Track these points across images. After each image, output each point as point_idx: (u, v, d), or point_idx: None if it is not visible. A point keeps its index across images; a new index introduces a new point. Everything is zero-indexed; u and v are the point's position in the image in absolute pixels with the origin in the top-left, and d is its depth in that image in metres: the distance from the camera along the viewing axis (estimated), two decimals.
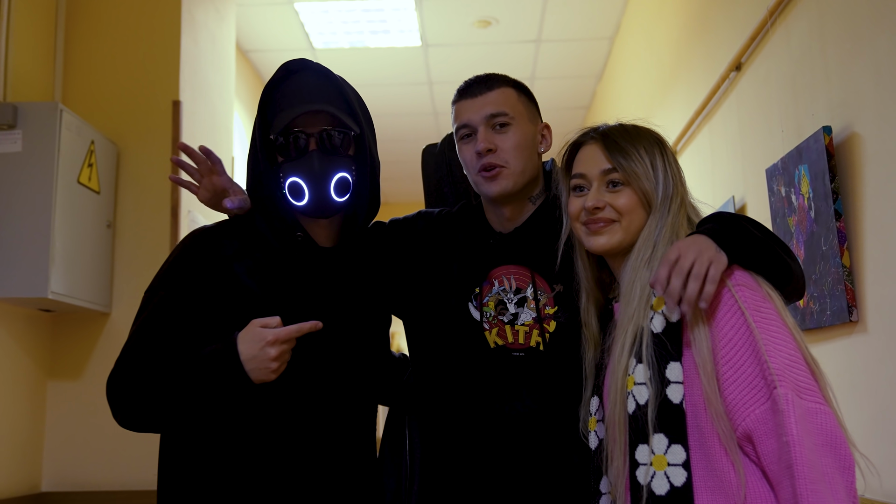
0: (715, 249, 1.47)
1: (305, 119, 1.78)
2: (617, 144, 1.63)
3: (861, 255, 2.29)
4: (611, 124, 1.69)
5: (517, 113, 1.88)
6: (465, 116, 1.89)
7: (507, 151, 1.85)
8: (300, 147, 1.77)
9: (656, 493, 1.44)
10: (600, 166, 1.64)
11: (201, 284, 1.76)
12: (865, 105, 2.26)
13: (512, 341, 1.86)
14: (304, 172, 1.77)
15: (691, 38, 3.99)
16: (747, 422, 1.41)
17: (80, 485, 3.32)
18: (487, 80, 1.91)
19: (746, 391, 1.42)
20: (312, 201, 1.78)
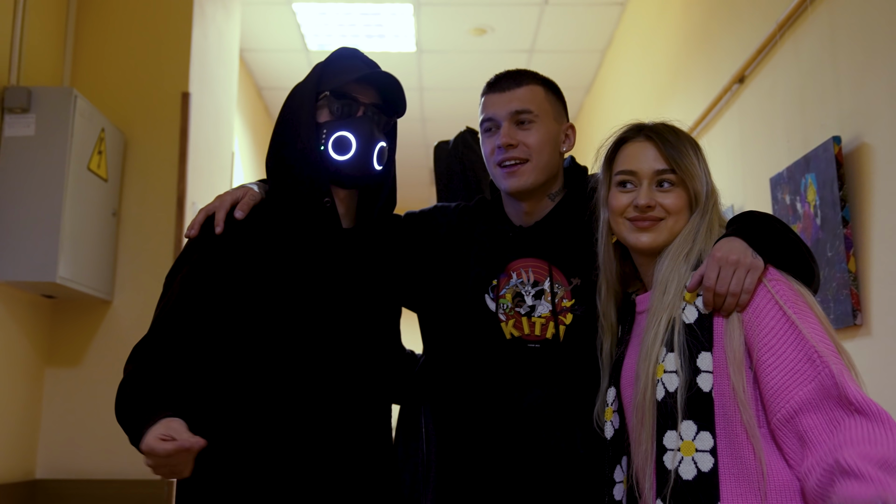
0: (752, 255, 1.53)
1: (359, 89, 1.87)
2: (671, 143, 1.67)
3: (867, 261, 2.37)
4: (654, 122, 1.72)
5: (542, 111, 1.92)
6: (491, 110, 1.93)
7: (530, 146, 1.89)
8: (350, 111, 1.85)
9: (683, 478, 1.49)
10: (654, 166, 1.67)
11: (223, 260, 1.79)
12: (877, 116, 2.34)
13: (528, 333, 1.89)
14: (356, 130, 1.84)
15: (691, 52, 4.08)
16: (793, 402, 1.45)
17: (75, 472, 3.31)
18: (517, 75, 1.95)
19: (790, 375, 1.46)
20: (356, 157, 1.84)
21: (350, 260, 1.89)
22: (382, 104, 1.91)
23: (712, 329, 1.54)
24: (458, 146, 2.33)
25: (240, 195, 1.88)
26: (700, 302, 1.56)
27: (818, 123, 2.67)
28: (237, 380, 1.77)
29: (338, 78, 1.86)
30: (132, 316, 3.42)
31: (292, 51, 6.02)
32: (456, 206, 2.12)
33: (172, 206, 3.46)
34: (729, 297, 1.52)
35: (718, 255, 1.54)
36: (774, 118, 3.03)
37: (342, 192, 1.90)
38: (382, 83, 1.89)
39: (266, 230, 1.83)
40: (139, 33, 3.61)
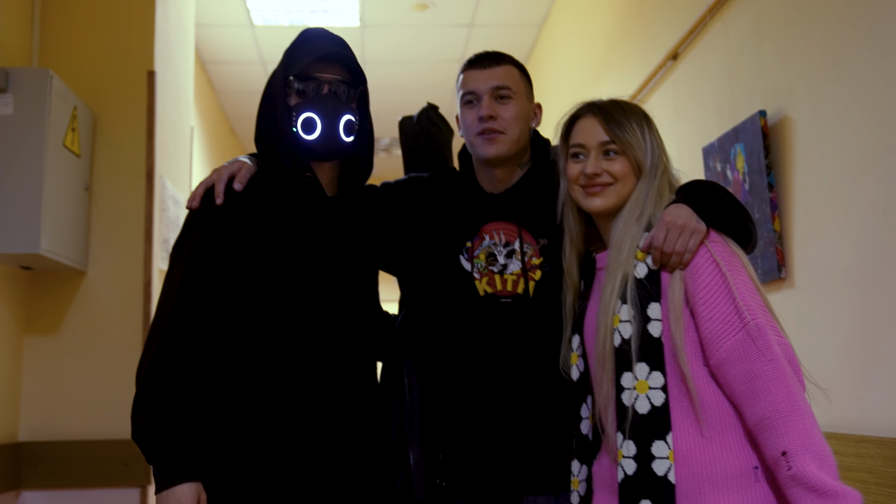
0: (696, 220, 1.76)
1: (321, 68, 2.03)
2: (613, 118, 1.89)
3: (790, 222, 2.67)
4: (605, 100, 1.95)
5: (518, 90, 2.13)
6: (473, 85, 2.13)
7: (507, 120, 2.10)
8: (315, 90, 2.03)
9: (639, 412, 1.72)
10: (598, 138, 1.89)
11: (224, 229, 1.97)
12: (798, 93, 2.63)
13: (501, 289, 2.10)
14: (319, 109, 2.02)
15: (627, 29, 4.34)
16: (721, 351, 1.70)
17: (57, 434, 3.46)
18: (497, 56, 2.17)
19: (720, 326, 1.71)
20: (323, 135, 2.02)
21: (335, 226, 2.08)
22: (350, 77, 2.08)
23: (660, 283, 1.78)
24: (422, 121, 2.50)
25: (236, 168, 2.05)
26: (650, 259, 1.79)
27: (746, 98, 2.96)
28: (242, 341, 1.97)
29: (301, 61, 2.03)
30: (106, 285, 3.57)
31: (238, 26, 6.10)
32: (428, 175, 2.32)
33: (142, 180, 3.61)
34: (674, 256, 1.75)
35: (667, 219, 1.77)
36: (706, 93, 3.32)
37: (323, 165, 2.10)
38: (339, 58, 2.07)
39: (260, 201, 2.01)
40: (105, 13, 3.72)
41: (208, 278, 1.96)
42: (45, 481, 3.42)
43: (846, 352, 2.39)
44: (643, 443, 1.70)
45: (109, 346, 3.50)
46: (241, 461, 1.93)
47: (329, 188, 2.11)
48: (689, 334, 1.75)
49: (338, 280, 2.06)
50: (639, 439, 1.71)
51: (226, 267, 1.97)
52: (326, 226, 2.07)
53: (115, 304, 3.54)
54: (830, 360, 2.46)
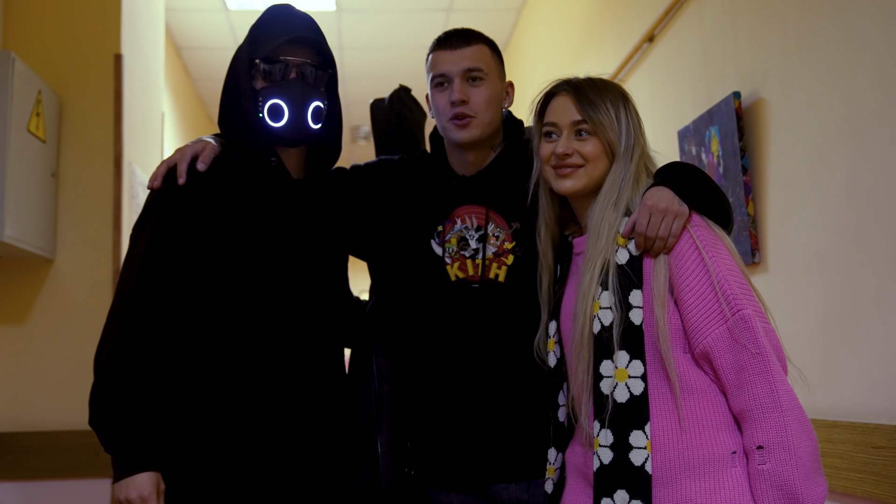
0: (678, 203, 1.72)
1: (289, 50, 1.96)
2: (587, 97, 1.83)
3: (764, 205, 2.64)
4: (581, 77, 1.90)
5: (490, 70, 2.07)
6: (443, 67, 2.06)
7: (479, 104, 2.04)
8: (283, 74, 1.96)
9: (618, 401, 1.68)
10: (571, 117, 1.83)
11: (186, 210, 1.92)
12: (772, 74, 2.60)
13: (472, 274, 2.05)
14: (286, 95, 1.95)
15: (604, 12, 4.30)
16: (707, 340, 1.66)
17: (27, 425, 3.41)
18: (467, 35, 2.09)
19: (706, 314, 1.67)
20: (290, 122, 1.95)
21: (302, 209, 2.03)
22: (319, 60, 2.01)
23: (642, 269, 1.73)
24: (394, 103, 2.46)
25: (199, 148, 1.99)
26: (632, 245, 1.74)
27: (720, 80, 2.92)
28: (204, 324, 1.92)
29: (268, 42, 1.95)
30: (74, 273, 3.51)
31: (212, 10, 6.02)
32: (399, 158, 2.27)
33: (110, 166, 3.55)
34: (658, 241, 1.71)
35: (649, 203, 1.72)
36: (681, 75, 3.28)
37: (289, 150, 2.04)
38: (308, 41, 1.99)
39: (224, 182, 1.96)
40: None
41: (169, 261, 1.91)
42: (16, 472, 3.38)
43: (818, 336, 2.37)
44: (621, 432, 1.67)
45: (79, 335, 3.44)
46: (203, 450, 1.89)
47: (295, 171, 2.06)
48: (672, 321, 1.71)
49: (303, 264, 2.02)
50: (616, 429, 1.68)
51: (187, 249, 1.92)
52: (292, 209, 2.02)
53: (84, 292, 3.48)
54: (803, 344, 2.43)
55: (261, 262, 1.96)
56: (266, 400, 1.92)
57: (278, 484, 1.90)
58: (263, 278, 1.96)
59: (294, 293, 1.99)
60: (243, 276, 1.94)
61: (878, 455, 2.06)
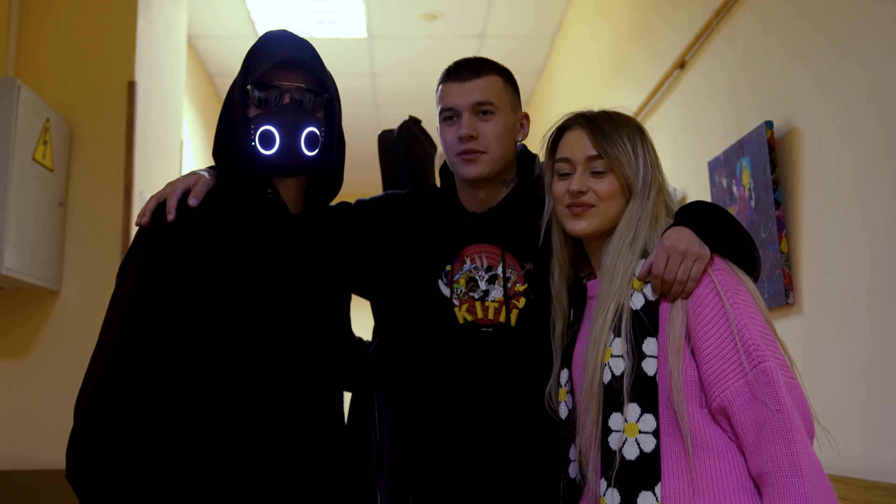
0: (699, 245, 1.59)
1: (282, 75, 1.84)
2: (602, 131, 1.70)
3: (798, 242, 2.45)
4: (595, 111, 1.76)
5: (502, 102, 1.94)
6: (452, 100, 1.94)
7: (489, 139, 1.91)
8: (275, 100, 1.84)
9: (627, 458, 1.55)
10: (585, 152, 1.71)
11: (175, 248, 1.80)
12: (805, 102, 2.41)
13: (481, 317, 1.92)
14: (278, 122, 1.83)
15: (635, 38, 4.15)
16: (726, 394, 1.52)
17: (26, 462, 3.32)
18: (477, 65, 1.97)
19: (725, 366, 1.53)
20: (282, 150, 1.83)
21: (299, 246, 1.91)
22: (315, 84, 1.89)
23: (658, 315, 1.60)
24: (402, 135, 2.35)
25: (191, 182, 1.88)
26: (648, 289, 1.61)
27: (752, 108, 2.75)
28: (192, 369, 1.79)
29: (259, 67, 1.84)
30: (80, 306, 3.42)
31: (243, 37, 5.99)
32: (406, 193, 2.15)
33: (120, 195, 3.46)
34: (676, 285, 1.58)
35: (668, 244, 1.60)
36: (712, 103, 3.11)
37: (286, 181, 1.92)
38: (301, 63, 1.87)
39: (217, 217, 1.84)
40: (84, 22, 3.59)
41: (156, 302, 1.78)
42: None
43: (856, 387, 2.17)
44: (629, 492, 1.54)
45: (83, 370, 3.28)
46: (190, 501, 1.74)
47: (293, 205, 1.93)
48: (688, 372, 1.57)
49: (300, 304, 1.88)
50: (624, 488, 1.55)
51: (176, 289, 1.79)
52: (289, 245, 1.89)
53: (91, 325, 3.32)
54: (839, 395, 2.23)
55: (254, 303, 1.83)
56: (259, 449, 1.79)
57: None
58: (257, 320, 1.83)
59: (290, 335, 1.86)
60: (235, 318, 1.81)
61: None
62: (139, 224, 1.86)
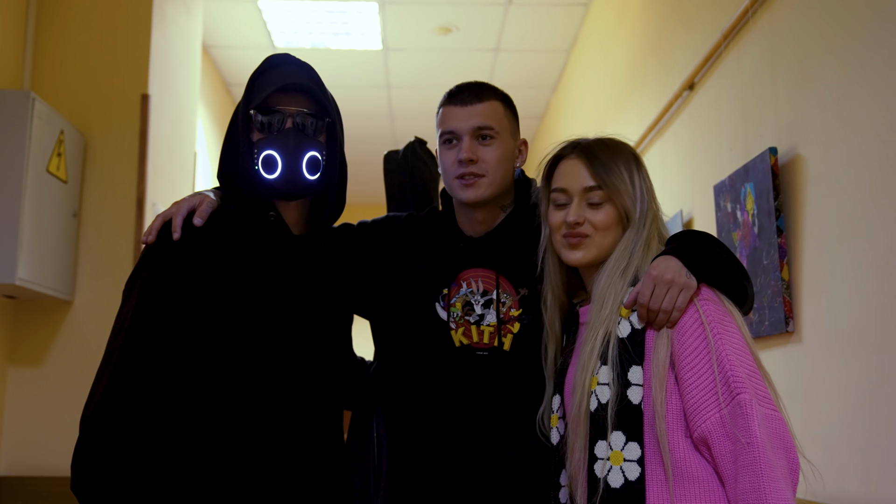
0: (686, 275, 1.60)
1: (284, 99, 1.87)
2: (600, 160, 1.72)
3: (799, 270, 2.46)
4: (590, 138, 1.78)
5: (502, 128, 1.97)
6: (452, 124, 1.96)
7: (488, 163, 1.94)
8: (277, 125, 1.87)
9: (612, 486, 1.56)
10: (582, 183, 1.72)
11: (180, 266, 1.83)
12: (810, 129, 2.43)
13: (477, 341, 1.95)
14: (280, 146, 1.86)
15: (647, 57, 4.16)
16: (706, 425, 1.53)
17: (38, 470, 3.37)
18: (479, 90, 1.99)
19: (706, 396, 1.54)
20: (284, 174, 1.86)
21: (301, 266, 1.94)
22: (316, 108, 1.91)
23: (644, 344, 1.62)
24: (407, 157, 2.37)
25: (197, 202, 1.91)
26: (635, 317, 1.63)
27: (758, 134, 2.76)
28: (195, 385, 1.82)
29: (262, 92, 1.87)
30: (93, 316, 3.48)
31: (259, 48, 6.05)
32: (407, 216, 2.17)
33: (132, 207, 3.52)
34: (661, 314, 1.59)
35: (654, 273, 1.61)
36: (720, 126, 3.12)
37: (289, 203, 1.95)
38: (303, 88, 1.90)
39: (222, 237, 1.87)
40: (98, 36, 3.65)
41: (160, 319, 1.81)
42: None
43: (854, 418, 2.18)
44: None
45: None
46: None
47: (296, 227, 1.96)
48: (672, 401, 1.59)
49: (301, 323, 1.91)
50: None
51: (179, 307, 1.82)
52: (291, 266, 1.92)
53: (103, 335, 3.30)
54: (837, 425, 2.24)
55: (256, 322, 1.86)
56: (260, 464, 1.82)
57: None
58: (259, 338, 1.86)
59: (291, 354, 1.89)
60: (237, 336, 1.84)
61: None
62: (145, 242, 1.90)
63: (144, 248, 1.89)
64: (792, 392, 2.48)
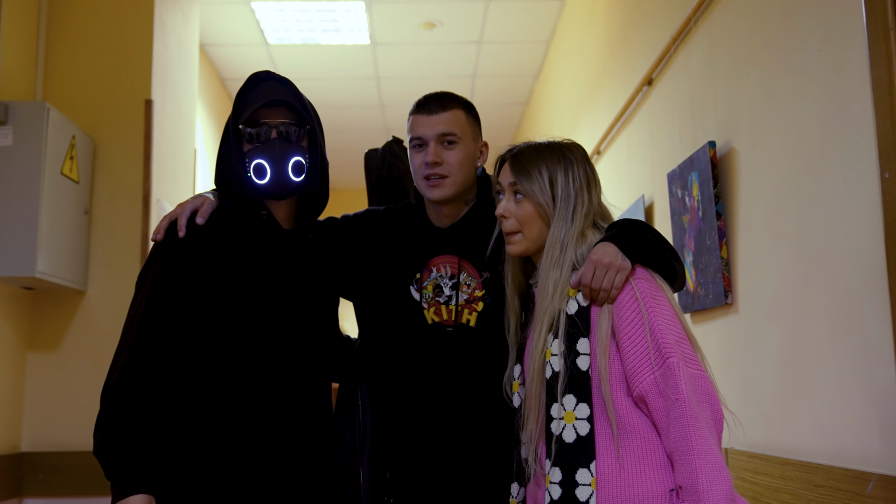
0: (621, 258, 1.87)
1: (268, 113, 2.15)
2: (521, 164, 1.99)
3: (735, 250, 2.77)
4: (530, 142, 2.05)
5: (464, 133, 2.24)
6: (420, 130, 2.24)
7: (451, 165, 2.21)
8: (264, 136, 2.15)
9: (566, 441, 1.82)
10: (508, 179, 2.01)
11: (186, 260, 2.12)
12: (742, 126, 2.73)
13: (446, 318, 2.23)
14: (267, 155, 2.14)
15: (615, 51, 4.45)
16: (643, 385, 1.80)
17: (57, 445, 3.69)
18: (443, 101, 2.25)
19: (642, 360, 1.82)
20: (273, 179, 2.14)
21: (291, 257, 2.22)
22: (296, 118, 2.18)
23: (590, 319, 1.88)
24: (385, 155, 2.62)
25: (198, 203, 2.19)
26: (580, 296, 1.89)
27: (701, 128, 3.06)
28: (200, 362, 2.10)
29: (248, 108, 2.15)
30: (104, 304, 3.78)
31: (253, 45, 6.31)
32: (385, 209, 2.45)
33: (139, 203, 3.82)
34: (602, 292, 1.86)
35: (594, 258, 1.88)
36: (673, 120, 3.42)
37: (279, 202, 2.23)
38: (283, 102, 2.16)
39: (221, 234, 2.16)
40: (104, 48, 3.95)
41: (169, 306, 2.10)
42: (46, 489, 3.65)
43: (776, 377, 2.49)
44: (568, 470, 1.81)
45: (107, 362, 3.61)
46: (196, 477, 2.06)
47: (285, 222, 2.25)
48: (614, 366, 1.86)
49: (292, 307, 2.19)
50: (564, 466, 1.81)
51: (186, 295, 2.11)
52: (282, 257, 2.21)
53: (113, 321, 3.73)
54: (764, 383, 2.56)
55: (253, 307, 2.14)
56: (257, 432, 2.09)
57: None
58: (255, 321, 2.14)
59: (283, 334, 2.16)
60: (236, 320, 2.12)
61: (819, 493, 2.17)
62: (154, 240, 2.19)
63: (153, 245, 2.19)
64: (731, 357, 2.80)
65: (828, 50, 2.19)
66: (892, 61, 1.86)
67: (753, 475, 2.56)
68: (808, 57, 2.29)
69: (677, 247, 3.17)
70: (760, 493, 2.51)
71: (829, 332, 2.20)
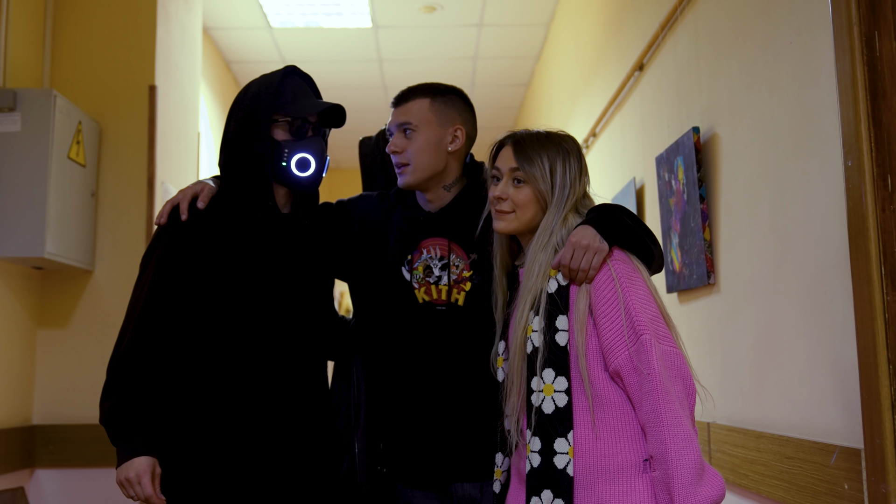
0: (599, 241, 1.96)
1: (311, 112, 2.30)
2: (524, 150, 2.08)
3: (717, 231, 2.87)
4: (529, 130, 2.13)
5: (422, 121, 2.33)
6: (389, 122, 2.39)
7: (411, 153, 2.32)
8: (312, 131, 2.31)
9: (545, 412, 1.93)
10: (509, 165, 2.09)
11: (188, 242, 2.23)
12: (723, 112, 2.82)
13: (436, 298, 2.33)
14: (314, 150, 2.29)
15: (609, 36, 4.52)
16: (618, 360, 1.90)
17: (66, 418, 3.83)
18: (406, 94, 2.38)
19: (617, 337, 1.92)
20: (315, 174, 2.30)
21: (289, 239, 2.33)
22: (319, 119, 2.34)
23: (569, 297, 1.99)
24: (378, 143, 2.71)
25: (199, 189, 2.31)
26: (560, 276, 2.00)
27: (687, 113, 3.15)
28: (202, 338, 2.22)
29: (296, 107, 2.28)
30: (111, 283, 3.91)
31: (256, 28, 6.38)
32: (378, 194, 2.55)
33: (143, 186, 3.94)
34: (580, 273, 1.96)
35: (574, 240, 1.98)
36: (661, 105, 3.51)
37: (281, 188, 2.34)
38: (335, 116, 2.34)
39: (221, 217, 2.27)
40: (109, 36, 4.06)
41: (172, 286, 2.22)
42: (57, 460, 3.80)
43: (752, 354, 2.60)
44: (547, 439, 1.91)
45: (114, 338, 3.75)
46: (197, 447, 2.18)
47: (284, 207, 2.36)
48: (591, 342, 1.96)
49: (290, 287, 2.31)
50: (543, 436, 1.92)
51: (188, 276, 2.23)
52: (281, 239, 2.32)
53: (120, 299, 3.83)
54: (742, 360, 2.66)
55: (253, 287, 2.26)
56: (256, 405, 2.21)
57: (266, 476, 2.19)
58: (254, 301, 2.25)
59: (282, 313, 2.28)
60: (236, 300, 2.24)
61: (790, 465, 2.29)
62: (158, 223, 2.31)
63: (157, 228, 2.30)
64: (713, 335, 2.91)
65: (799, 42, 2.28)
66: (854, 55, 1.95)
67: (732, 448, 2.68)
68: (781, 48, 2.38)
69: (664, 229, 3.27)
70: (738, 466, 2.63)
71: (799, 312, 2.30)
